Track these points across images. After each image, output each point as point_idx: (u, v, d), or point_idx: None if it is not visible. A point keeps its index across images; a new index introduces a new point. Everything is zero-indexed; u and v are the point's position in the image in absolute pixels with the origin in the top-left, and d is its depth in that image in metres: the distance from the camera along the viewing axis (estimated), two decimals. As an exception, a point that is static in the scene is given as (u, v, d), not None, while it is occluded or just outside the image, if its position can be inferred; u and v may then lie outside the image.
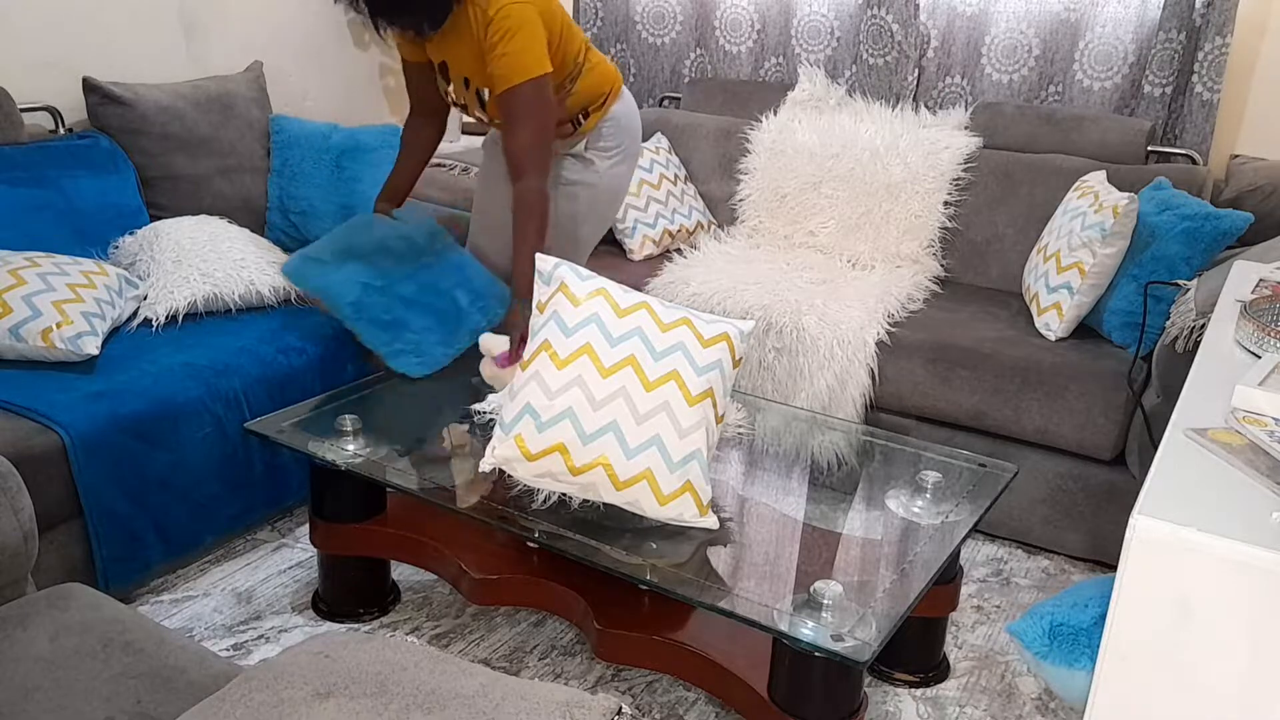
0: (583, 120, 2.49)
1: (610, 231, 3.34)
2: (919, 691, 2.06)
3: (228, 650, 2.08)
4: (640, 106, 3.87)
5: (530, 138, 2.28)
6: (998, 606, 2.36)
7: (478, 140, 3.98)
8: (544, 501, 1.83)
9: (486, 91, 2.35)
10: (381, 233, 2.48)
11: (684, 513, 1.72)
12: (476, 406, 2.19)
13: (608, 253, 3.28)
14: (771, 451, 2.10)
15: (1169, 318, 2.26)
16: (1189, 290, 2.24)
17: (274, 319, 2.51)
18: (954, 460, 2.07)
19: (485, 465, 1.81)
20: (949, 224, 3.08)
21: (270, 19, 3.43)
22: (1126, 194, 2.51)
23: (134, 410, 2.09)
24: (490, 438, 1.88)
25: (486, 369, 2.23)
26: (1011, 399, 2.50)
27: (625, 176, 2.61)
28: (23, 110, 2.71)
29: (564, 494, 1.84)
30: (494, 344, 2.20)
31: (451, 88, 2.43)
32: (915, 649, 2.07)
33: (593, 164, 2.54)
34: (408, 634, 2.16)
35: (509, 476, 1.89)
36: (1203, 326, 2.09)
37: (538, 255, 1.93)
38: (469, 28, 2.27)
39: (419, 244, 2.50)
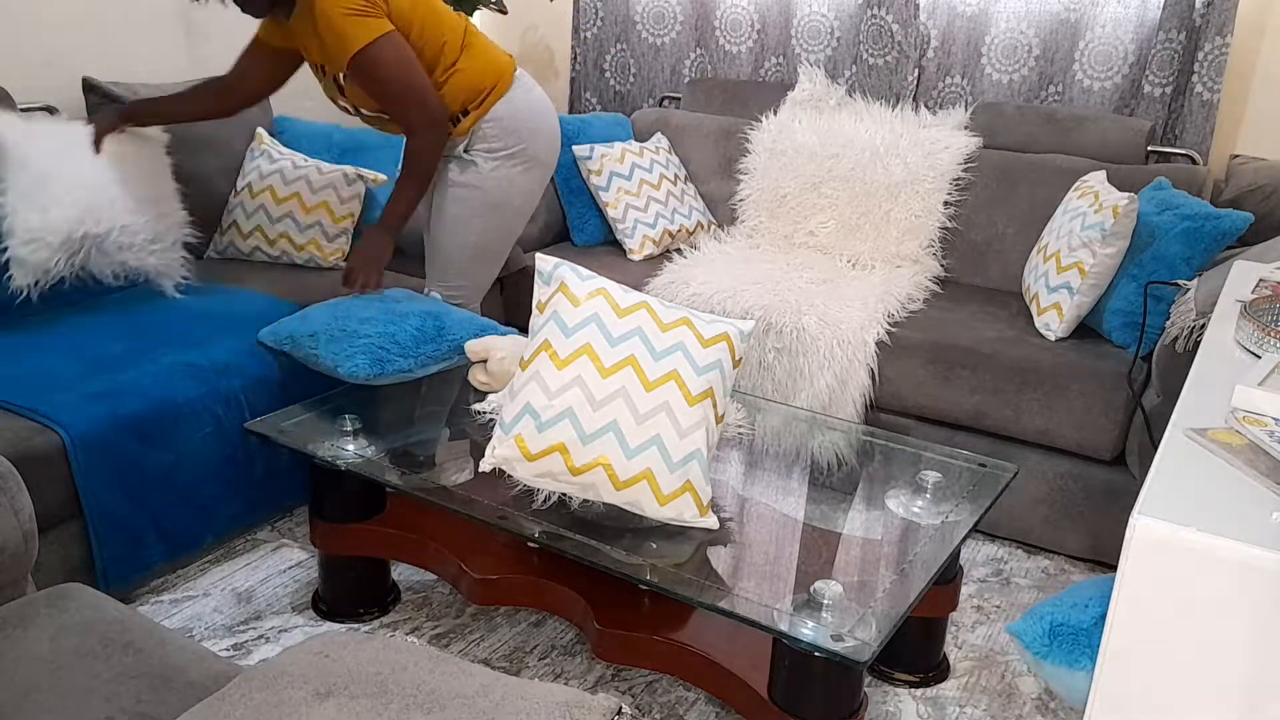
0: (461, 119, 2.42)
1: (610, 231, 3.35)
2: (919, 691, 2.06)
3: (228, 650, 2.08)
4: (640, 106, 3.87)
5: (402, 92, 2.24)
6: (998, 606, 2.36)
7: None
8: (544, 501, 1.83)
9: (341, 76, 2.32)
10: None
11: (684, 513, 1.72)
12: (476, 406, 2.19)
13: (608, 253, 3.28)
14: (771, 451, 2.10)
15: (1169, 318, 2.26)
16: (1189, 290, 2.24)
17: (275, 319, 2.50)
18: (954, 460, 2.07)
19: (485, 465, 1.81)
20: (949, 224, 3.08)
21: (270, 19, 3.42)
22: (1126, 194, 2.51)
23: (134, 410, 2.09)
24: (490, 438, 1.88)
25: (477, 375, 2.23)
26: (1011, 399, 2.50)
27: (520, 180, 2.50)
28: (23, 110, 2.71)
29: (564, 494, 1.84)
30: (481, 348, 2.20)
31: (322, 86, 2.41)
32: (915, 649, 2.07)
33: (474, 165, 2.46)
34: (408, 634, 2.16)
35: (509, 476, 1.89)
36: (1203, 326, 2.09)
37: (538, 255, 1.93)
38: (308, 12, 2.23)
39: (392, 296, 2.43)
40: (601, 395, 1.74)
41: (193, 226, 2.98)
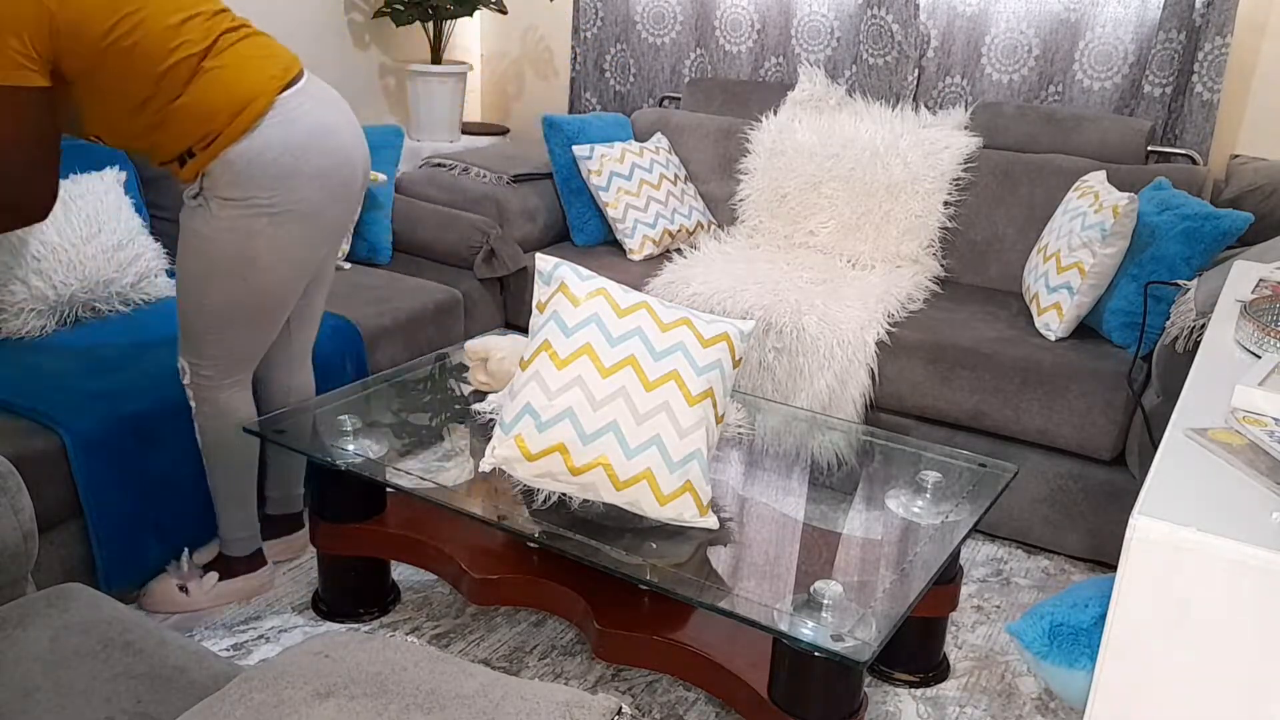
0: (188, 159, 1.90)
1: (610, 231, 3.34)
2: (919, 691, 2.06)
3: (228, 650, 2.08)
4: (640, 106, 3.87)
5: None
6: (998, 606, 2.36)
7: (479, 140, 3.99)
8: (544, 501, 1.83)
9: None
10: None
11: (684, 513, 1.72)
12: (476, 406, 2.19)
13: (608, 253, 3.28)
14: (771, 451, 2.10)
15: (1169, 318, 2.26)
16: (1189, 290, 2.24)
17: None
18: (954, 460, 2.07)
19: (485, 465, 1.81)
20: (949, 224, 3.08)
21: (269, 19, 3.42)
22: (1126, 194, 2.51)
23: (134, 410, 2.09)
24: (490, 438, 1.88)
25: (477, 375, 2.23)
26: (1011, 399, 2.50)
27: (268, 233, 1.94)
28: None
29: (564, 494, 1.84)
30: (481, 348, 2.21)
31: None
32: (915, 649, 2.07)
33: (207, 209, 1.92)
34: (408, 634, 2.16)
35: (509, 476, 1.89)
36: (1203, 326, 2.09)
37: (538, 255, 1.93)
38: None
39: None
40: (601, 395, 1.74)
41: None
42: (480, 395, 2.25)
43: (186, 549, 2.21)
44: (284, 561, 2.37)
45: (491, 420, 2.13)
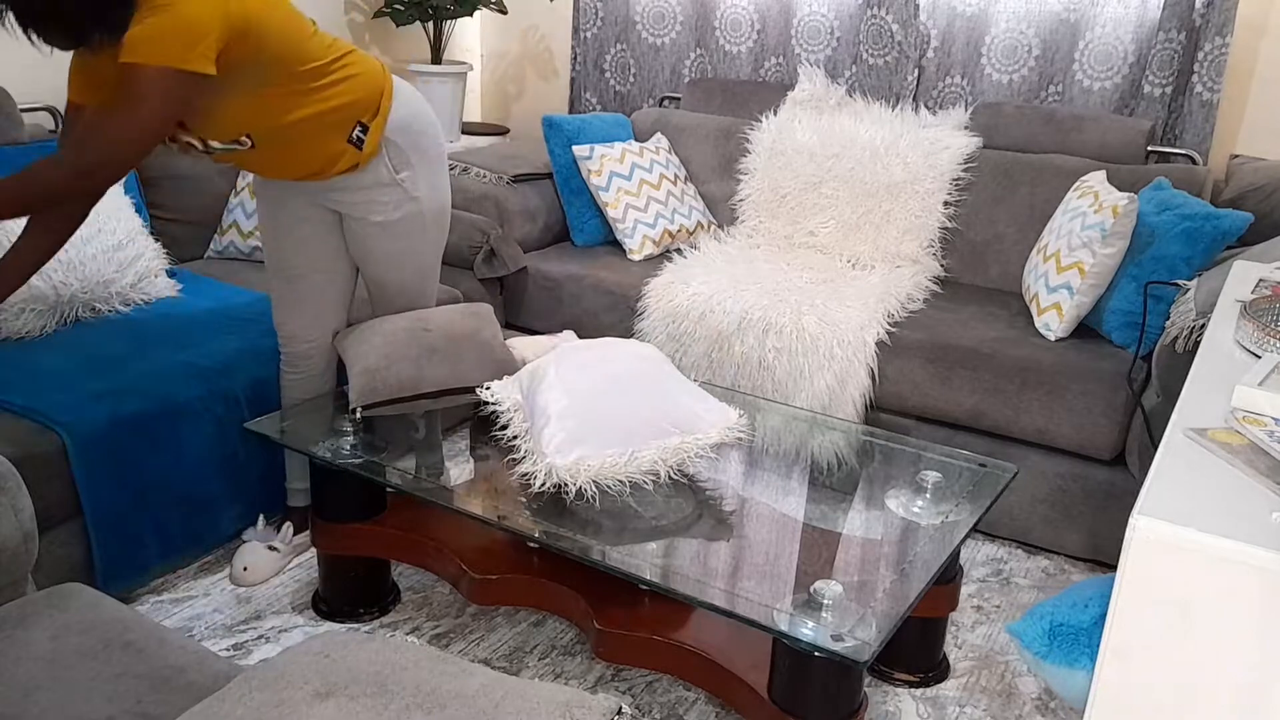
0: (363, 137, 2.02)
1: (610, 231, 3.34)
2: (919, 691, 2.06)
3: (228, 650, 2.08)
4: (640, 106, 3.87)
5: (127, 131, 1.72)
6: (998, 606, 2.36)
7: (479, 140, 3.98)
8: (543, 497, 1.83)
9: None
10: None
11: None
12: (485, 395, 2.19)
13: (608, 253, 3.28)
14: (771, 451, 2.10)
15: (1169, 318, 2.26)
16: (1189, 290, 2.24)
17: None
18: (954, 460, 2.07)
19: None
20: (949, 224, 3.08)
21: (270, 19, 3.42)
22: (1126, 194, 2.51)
23: (134, 410, 2.09)
24: (490, 438, 1.88)
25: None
26: (1011, 399, 2.50)
27: (444, 183, 2.20)
28: (23, 110, 2.71)
29: (564, 491, 1.83)
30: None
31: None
32: (915, 649, 2.07)
33: (401, 187, 2.11)
34: (408, 634, 2.16)
35: (509, 476, 1.89)
36: (1203, 326, 2.09)
37: None
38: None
39: None
40: None
41: (192, 226, 2.98)
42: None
43: (261, 515, 2.33)
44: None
45: (494, 414, 2.13)
